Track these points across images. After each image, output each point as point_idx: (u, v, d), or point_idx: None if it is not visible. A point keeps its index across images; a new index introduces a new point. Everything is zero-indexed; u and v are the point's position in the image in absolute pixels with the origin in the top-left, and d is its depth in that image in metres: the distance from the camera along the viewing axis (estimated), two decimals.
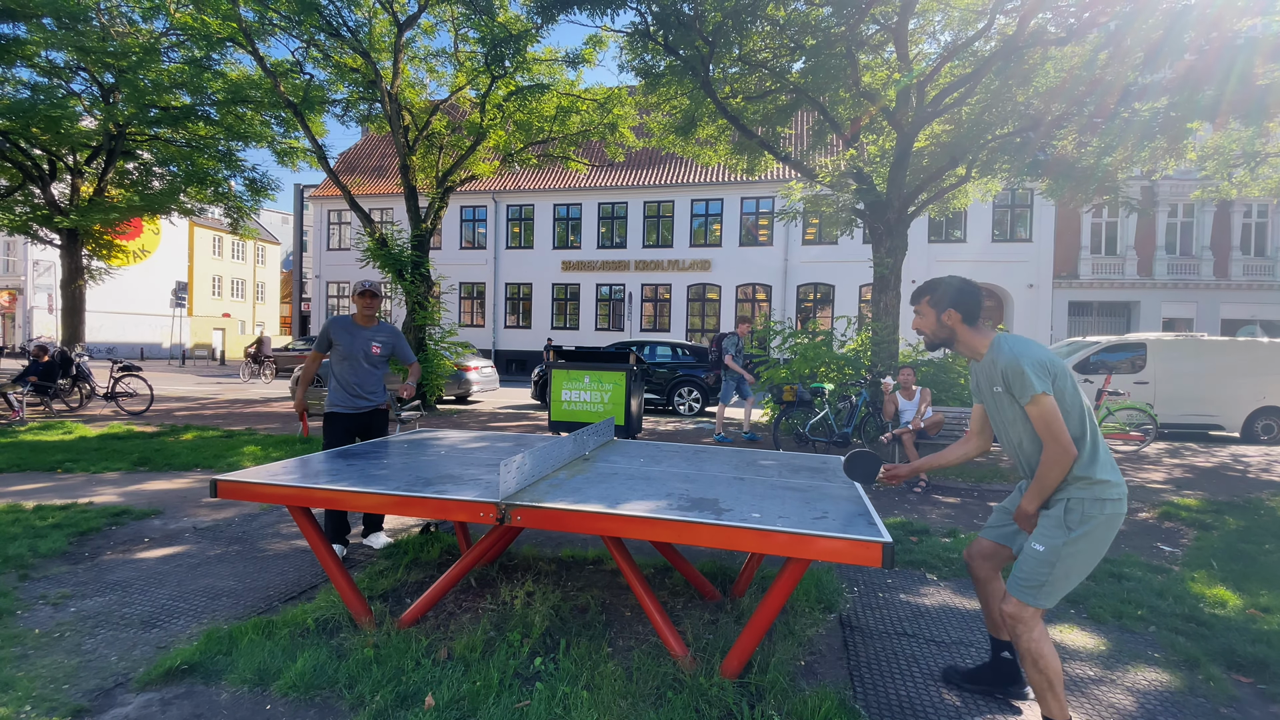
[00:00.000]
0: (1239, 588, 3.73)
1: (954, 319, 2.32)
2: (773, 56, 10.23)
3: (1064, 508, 2.12)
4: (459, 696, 2.34)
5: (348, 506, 2.63)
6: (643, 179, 24.39)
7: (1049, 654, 2.12)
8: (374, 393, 4.16)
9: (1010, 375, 2.14)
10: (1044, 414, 2.08)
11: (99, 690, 2.41)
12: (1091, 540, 2.09)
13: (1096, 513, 2.08)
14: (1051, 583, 2.11)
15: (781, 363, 9.86)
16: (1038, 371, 2.09)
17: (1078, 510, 2.09)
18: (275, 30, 12.08)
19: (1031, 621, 2.13)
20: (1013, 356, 2.14)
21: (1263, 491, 6.55)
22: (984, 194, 12.56)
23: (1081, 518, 2.08)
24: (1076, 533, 2.08)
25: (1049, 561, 2.10)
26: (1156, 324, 20.61)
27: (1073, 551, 2.09)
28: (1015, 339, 2.22)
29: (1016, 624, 2.15)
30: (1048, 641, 2.14)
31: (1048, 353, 2.16)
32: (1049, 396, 2.08)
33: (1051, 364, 2.13)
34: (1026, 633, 2.13)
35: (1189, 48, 8.07)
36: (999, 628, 2.51)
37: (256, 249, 44.85)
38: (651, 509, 2.40)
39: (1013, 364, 2.13)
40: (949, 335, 2.36)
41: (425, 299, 11.91)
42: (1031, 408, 2.10)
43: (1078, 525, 2.09)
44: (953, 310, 2.32)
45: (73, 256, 13.86)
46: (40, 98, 12.14)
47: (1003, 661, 2.52)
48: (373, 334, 4.10)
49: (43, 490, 5.43)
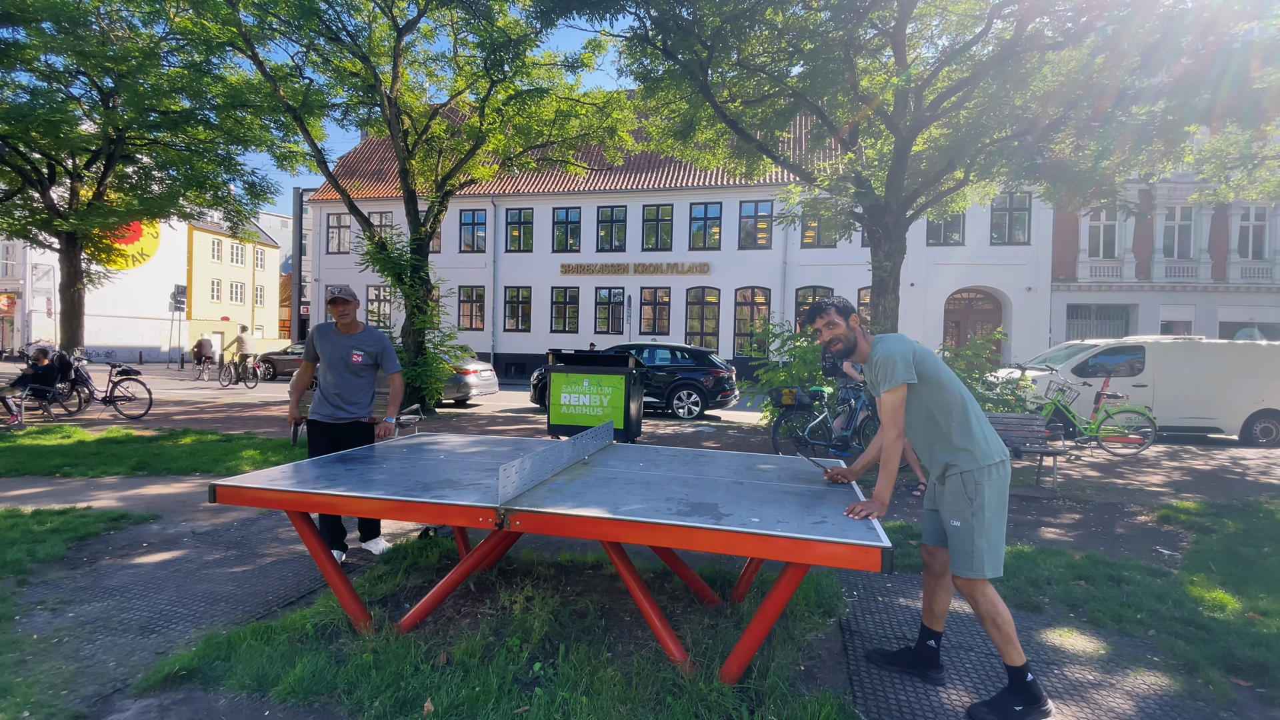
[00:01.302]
0: (1238, 591, 3.73)
1: (856, 323, 2.64)
2: (771, 61, 10.26)
3: (960, 481, 2.41)
4: (458, 702, 2.34)
5: (346, 511, 2.63)
6: (642, 182, 24.42)
7: (1003, 611, 2.38)
8: (357, 403, 4.00)
9: (879, 367, 2.49)
10: (894, 401, 2.44)
11: (97, 696, 2.40)
12: (992, 504, 2.37)
13: (984, 479, 2.38)
14: (980, 550, 2.35)
15: (780, 366, 9.86)
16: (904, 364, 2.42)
17: (971, 481, 2.39)
18: (275, 35, 12.10)
19: (982, 589, 2.38)
20: (883, 352, 2.48)
21: (1262, 494, 6.56)
22: (982, 197, 12.59)
23: (976, 487, 2.38)
24: (977, 500, 2.37)
25: (968, 533, 2.37)
26: (1155, 327, 20.64)
27: (982, 519, 2.36)
28: (893, 338, 2.53)
29: (972, 594, 2.39)
30: (999, 602, 2.39)
31: (915, 346, 2.51)
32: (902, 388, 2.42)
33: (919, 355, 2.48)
34: (982, 599, 2.38)
35: (1186, 51, 8.10)
36: (934, 619, 2.71)
37: (256, 252, 44.84)
38: (651, 514, 2.40)
39: (882, 358, 2.48)
40: (856, 339, 2.62)
41: (425, 302, 11.91)
42: (885, 396, 2.45)
43: (975, 494, 2.37)
44: (855, 315, 2.65)
45: (71, 260, 13.85)
46: (40, 102, 12.14)
47: (927, 649, 2.72)
48: (354, 341, 3.95)
49: (41, 495, 5.42)
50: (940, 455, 2.50)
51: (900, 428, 2.44)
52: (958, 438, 2.43)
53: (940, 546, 2.62)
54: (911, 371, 2.42)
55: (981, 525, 2.36)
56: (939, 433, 2.49)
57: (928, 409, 2.50)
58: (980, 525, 2.36)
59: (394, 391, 4.13)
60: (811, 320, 2.71)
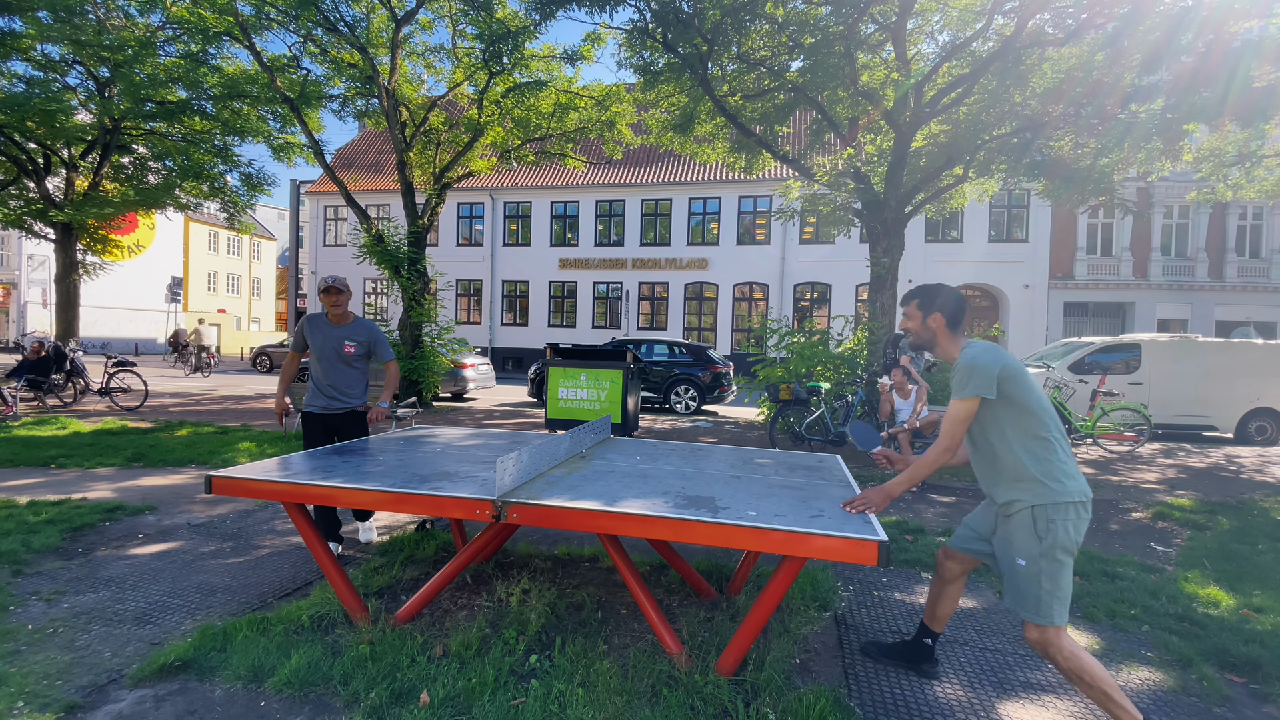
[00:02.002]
0: (1232, 588, 3.75)
1: (938, 323, 2.44)
2: (771, 55, 10.22)
3: (1030, 516, 2.17)
4: (454, 694, 2.34)
5: (343, 503, 2.62)
6: (640, 177, 24.36)
7: (1090, 665, 2.09)
8: (350, 394, 3.97)
9: (956, 374, 2.28)
10: (953, 413, 2.25)
11: (92, 686, 2.40)
12: (1064, 546, 2.13)
13: (1059, 516, 2.13)
14: (1048, 594, 2.12)
15: (778, 362, 9.87)
16: (977, 376, 2.20)
17: (1042, 518, 2.14)
18: (272, 25, 12.01)
19: (1057, 642, 2.12)
20: (966, 360, 2.26)
21: (1256, 492, 6.59)
22: (981, 194, 12.59)
23: (1048, 525, 2.14)
24: (1047, 539, 2.13)
25: (1034, 575, 2.14)
26: (1151, 325, 20.69)
27: (1052, 560, 2.12)
28: (981, 345, 2.30)
29: (1046, 650, 2.14)
30: (1083, 653, 2.12)
31: (1007, 360, 2.23)
32: (971, 402, 2.22)
33: (1005, 370, 2.20)
34: (1058, 654, 2.12)
35: (1186, 49, 8.09)
36: (936, 620, 2.65)
37: (252, 245, 44.66)
38: (648, 507, 2.40)
39: (961, 366, 2.27)
40: (931, 338, 2.47)
41: (422, 296, 11.88)
42: (952, 404, 2.26)
43: (1046, 533, 2.14)
44: (939, 314, 2.44)
45: (67, 251, 13.78)
46: (35, 91, 12.04)
47: (923, 645, 2.69)
48: (345, 332, 3.93)
49: (36, 485, 5.40)
50: (1008, 483, 2.24)
51: (952, 442, 2.26)
52: (1035, 468, 2.17)
53: (965, 555, 2.50)
54: (990, 387, 2.18)
55: (1050, 568, 2.12)
56: (1014, 459, 2.22)
57: (1004, 432, 2.24)
58: (1049, 568, 2.12)
59: (389, 378, 4.08)
60: (903, 303, 2.58)
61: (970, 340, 2.38)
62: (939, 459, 2.29)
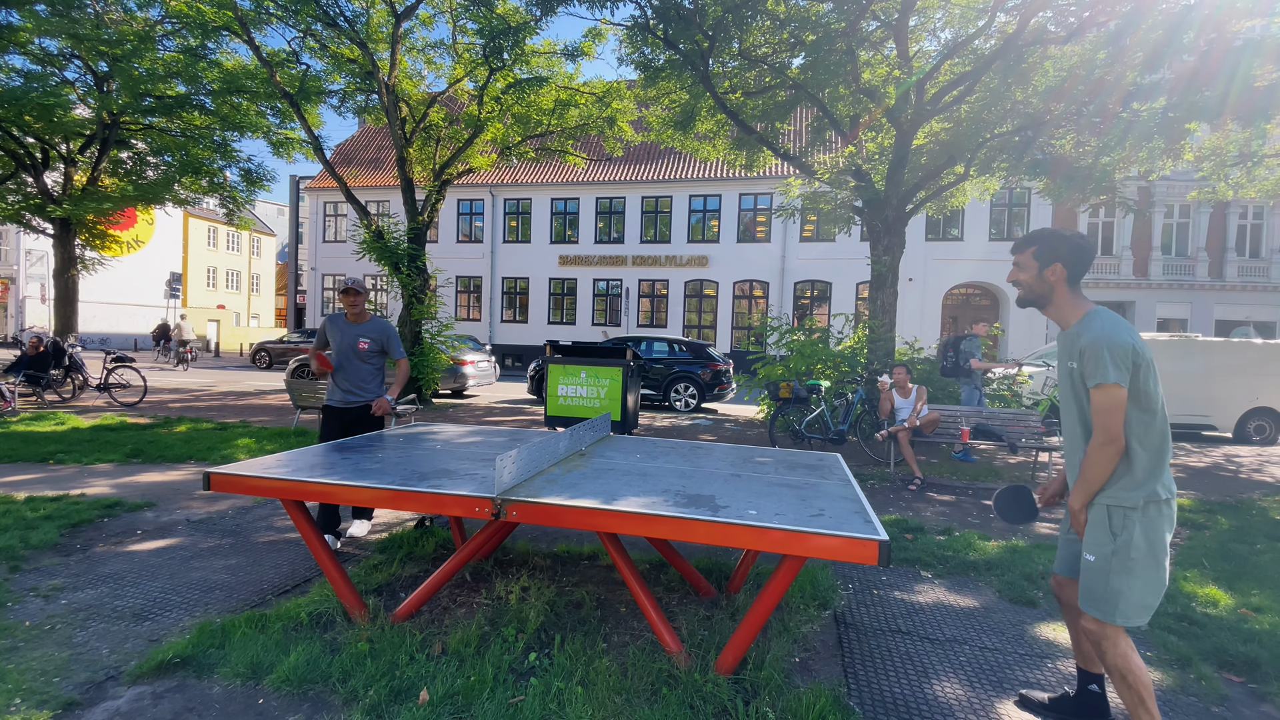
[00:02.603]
0: (1230, 587, 3.75)
1: (1058, 275, 2.14)
2: (773, 52, 10.19)
3: (1106, 513, 2.03)
4: (453, 691, 2.34)
5: (342, 500, 2.61)
6: (641, 174, 24.31)
7: (1137, 668, 2.02)
8: (366, 389, 4.20)
9: (1088, 354, 2.00)
10: (1108, 404, 1.96)
11: (90, 683, 2.39)
12: (1140, 545, 1.98)
13: (1138, 517, 1.98)
14: (1112, 594, 2.00)
15: (778, 360, 9.86)
16: (1117, 358, 1.95)
17: (1119, 515, 2.01)
18: (272, 19, 11.96)
19: (1114, 637, 2.04)
20: (1098, 335, 1.98)
21: (1255, 492, 6.59)
22: (982, 193, 12.57)
23: (1124, 522, 2.00)
24: (1122, 538, 1.99)
25: (1102, 570, 2.02)
26: (1151, 324, 20.70)
27: (1124, 560, 1.98)
28: (1111, 317, 2.05)
29: (1099, 640, 2.06)
30: (1135, 656, 2.04)
31: (1138, 341, 2.00)
32: (1121, 389, 1.95)
33: (1138, 354, 1.97)
34: (1111, 648, 2.04)
35: (1188, 48, 8.07)
36: (1086, 660, 2.36)
37: (252, 240, 44.58)
38: (647, 505, 2.39)
39: (1094, 344, 1.98)
40: (1047, 292, 2.17)
41: (422, 292, 11.85)
42: (1097, 393, 1.98)
43: (1121, 530, 2.00)
44: (1060, 266, 2.13)
45: (66, 246, 13.74)
46: (33, 85, 11.99)
47: (1090, 694, 2.34)
48: (361, 330, 4.18)
49: (34, 481, 5.39)
50: None
51: (1112, 434, 1.97)
52: (1136, 468, 2.00)
53: (1071, 579, 2.28)
54: (1125, 373, 1.95)
55: (1123, 566, 1.98)
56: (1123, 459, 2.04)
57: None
58: (1121, 566, 1.99)
59: (399, 375, 4.32)
60: (1016, 250, 2.24)
61: (1097, 307, 2.10)
62: (1102, 454, 2.00)
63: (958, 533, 4.73)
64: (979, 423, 7.04)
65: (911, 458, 6.52)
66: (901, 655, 2.85)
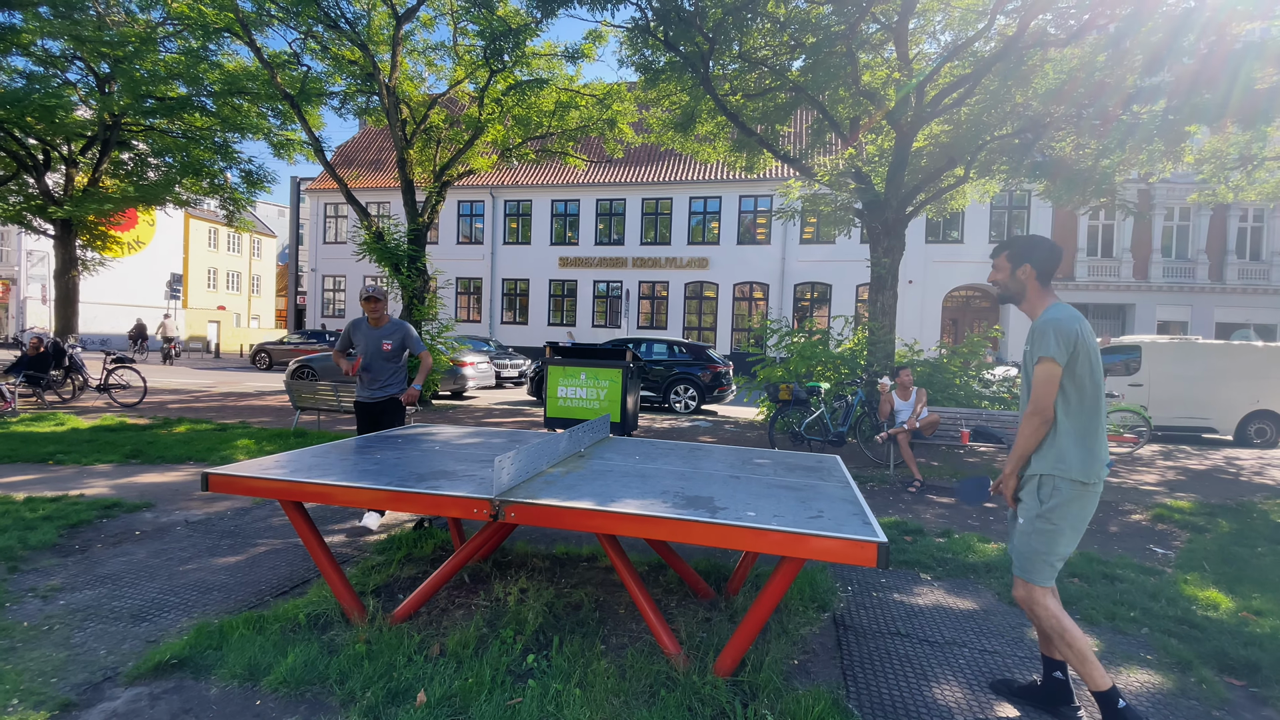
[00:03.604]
0: (1231, 590, 3.74)
1: (1028, 274, 2.37)
2: (773, 54, 10.21)
3: (1036, 483, 2.25)
4: (451, 693, 2.33)
5: (340, 501, 2.61)
6: (641, 175, 24.34)
7: (1069, 627, 2.18)
8: (390, 384, 4.63)
9: (1036, 333, 2.23)
10: (1043, 377, 2.18)
11: (87, 684, 2.39)
12: (1065, 512, 2.18)
13: (1066, 488, 2.18)
14: (1035, 555, 2.22)
15: (778, 362, 9.86)
16: (1060, 337, 2.16)
17: (1049, 485, 2.21)
18: (273, 21, 11.99)
19: (1042, 599, 2.22)
20: (1047, 318, 2.22)
21: (1255, 495, 6.58)
22: (982, 195, 12.58)
23: (1052, 490, 2.20)
24: (1049, 504, 2.20)
25: (1027, 533, 2.24)
26: (1151, 327, 20.69)
27: (1045, 525, 2.20)
28: (1067, 309, 2.25)
29: (1030, 605, 2.23)
30: (1065, 616, 2.20)
31: (1084, 329, 2.19)
32: (1057, 366, 2.16)
33: (1081, 341, 2.17)
34: (1042, 611, 2.21)
35: (1189, 51, 8.08)
36: (1051, 647, 2.44)
37: (252, 241, 44.60)
38: (646, 506, 2.39)
39: (1042, 324, 2.22)
40: (1020, 290, 2.40)
41: (422, 294, 11.86)
42: (1038, 367, 2.19)
43: (1049, 498, 2.20)
44: (1029, 266, 2.36)
45: (67, 247, 13.76)
46: (35, 87, 12.02)
47: (1054, 681, 2.44)
48: (383, 333, 4.56)
49: (33, 482, 5.39)
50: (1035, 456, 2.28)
51: (1040, 405, 2.19)
52: (1063, 443, 2.20)
53: None
54: (1062, 351, 2.15)
55: (1046, 529, 2.20)
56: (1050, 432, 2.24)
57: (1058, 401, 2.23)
58: (1043, 529, 2.20)
59: (422, 367, 4.69)
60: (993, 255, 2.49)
61: (1059, 302, 2.32)
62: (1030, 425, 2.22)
63: (957, 535, 4.72)
64: (978, 425, 7.03)
65: (911, 460, 6.51)
66: (900, 658, 2.84)
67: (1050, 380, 2.17)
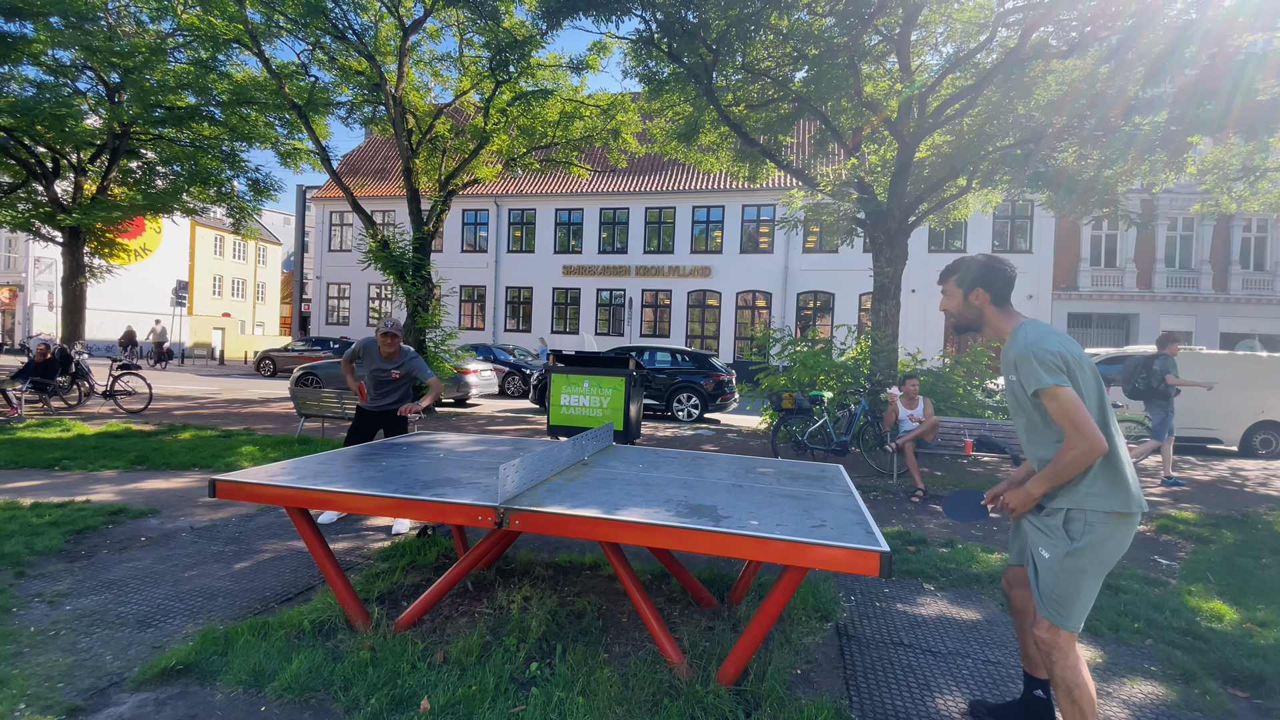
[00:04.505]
0: (1236, 602, 3.72)
1: (982, 299, 2.18)
2: (776, 65, 10.28)
3: (1064, 517, 1.98)
4: (454, 701, 2.34)
5: (345, 508, 2.63)
6: (645, 185, 24.45)
7: (1085, 683, 1.98)
8: (391, 401, 4.85)
9: (1020, 365, 2.00)
10: (1063, 406, 1.91)
11: (94, 689, 2.40)
12: (1098, 554, 1.94)
13: (1101, 524, 1.93)
14: (1062, 597, 1.97)
15: (781, 370, 9.87)
16: (1045, 362, 1.94)
17: (1079, 520, 1.95)
18: (281, 32, 12.12)
19: (1066, 648, 1.98)
20: (1024, 345, 1.99)
21: (1260, 505, 6.55)
22: (984, 205, 12.61)
23: (1084, 528, 1.94)
24: (1079, 543, 1.94)
25: (1052, 571, 1.98)
26: (1155, 337, 20.60)
27: (1075, 565, 1.94)
28: (1036, 326, 2.06)
29: (1051, 650, 2.00)
30: (1085, 671, 2.00)
31: (1068, 345, 1.99)
32: (1065, 388, 1.91)
33: (1070, 357, 1.96)
34: (1061, 659, 1.98)
35: (1191, 62, 8.11)
36: (1034, 664, 2.32)
37: (258, 249, 44.87)
38: (649, 515, 2.40)
39: (1022, 354, 1.99)
40: (977, 317, 2.21)
41: (426, 301, 11.92)
42: (1048, 401, 1.94)
43: (1080, 535, 1.95)
44: (981, 290, 2.17)
45: (74, 254, 13.86)
46: (45, 96, 12.18)
47: (1035, 700, 2.32)
48: (391, 364, 4.77)
49: (40, 487, 5.42)
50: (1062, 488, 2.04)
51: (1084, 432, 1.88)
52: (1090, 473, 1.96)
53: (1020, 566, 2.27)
54: (1060, 375, 1.92)
55: (1074, 569, 1.95)
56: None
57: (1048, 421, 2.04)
58: (1072, 568, 1.95)
59: (432, 390, 4.86)
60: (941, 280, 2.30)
61: (1026, 320, 2.11)
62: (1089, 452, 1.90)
63: (960, 545, 4.71)
64: (981, 434, 7.02)
65: (915, 469, 6.50)
66: (904, 668, 2.84)
67: (1073, 403, 1.90)
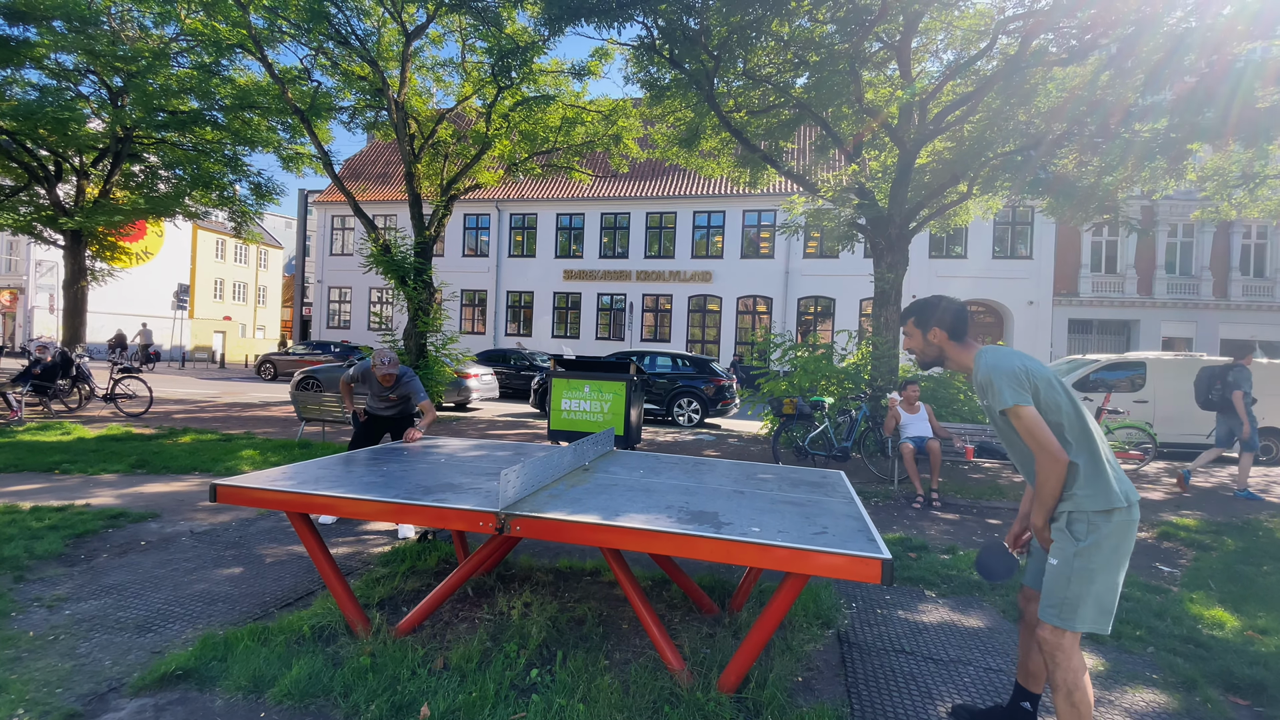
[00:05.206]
0: (1237, 609, 3.72)
1: (940, 337, 2.31)
2: (777, 72, 10.32)
3: (1067, 520, 2.06)
4: (454, 707, 2.33)
5: (347, 514, 2.63)
6: (645, 190, 24.51)
7: (1085, 687, 2.02)
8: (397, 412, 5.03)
9: (986, 389, 2.12)
10: (1026, 424, 2.03)
11: (93, 695, 2.40)
12: (1103, 550, 1.99)
13: (1102, 522, 2.00)
14: (1071, 599, 2.01)
15: (781, 375, 9.87)
16: (1008, 382, 2.05)
17: (1082, 521, 2.02)
18: (284, 38, 12.18)
19: (1069, 650, 2.03)
20: (985, 369, 2.12)
21: (1262, 513, 6.54)
22: (985, 211, 12.63)
23: (1088, 528, 2.01)
24: (1085, 543, 2.00)
25: (1064, 575, 2.03)
26: (1156, 343, 20.64)
27: (1085, 565, 1.99)
28: (993, 351, 2.16)
29: (1054, 652, 2.04)
30: (1085, 677, 2.04)
31: (1027, 363, 2.10)
32: (1027, 407, 2.03)
33: (1031, 374, 2.07)
34: (1065, 662, 2.03)
35: (1190, 69, 8.14)
36: (1028, 677, 2.38)
37: (259, 253, 44.93)
38: (650, 521, 2.40)
39: (985, 377, 2.11)
40: (938, 353, 2.34)
41: (427, 305, 11.94)
42: (1012, 419, 2.05)
43: (1085, 535, 2.01)
44: (937, 329, 2.31)
45: (76, 257, 13.88)
46: (48, 99, 12.21)
47: (1020, 711, 2.37)
48: (389, 389, 4.84)
49: (40, 491, 5.41)
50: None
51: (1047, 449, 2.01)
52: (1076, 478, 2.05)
53: (1037, 591, 2.28)
54: (1023, 393, 2.03)
55: (1084, 569, 2.00)
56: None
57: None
58: (1082, 569, 2.00)
59: (426, 415, 4.81)
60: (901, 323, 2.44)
61: (984, 347, 2.23)
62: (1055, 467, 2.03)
63: (962, 551, 4.71)
64: (982, 440, 7.02)
65: (915, 475, 6.50)
66: (905, 675, 2.83)
67: (1034, 420, 2.02)
